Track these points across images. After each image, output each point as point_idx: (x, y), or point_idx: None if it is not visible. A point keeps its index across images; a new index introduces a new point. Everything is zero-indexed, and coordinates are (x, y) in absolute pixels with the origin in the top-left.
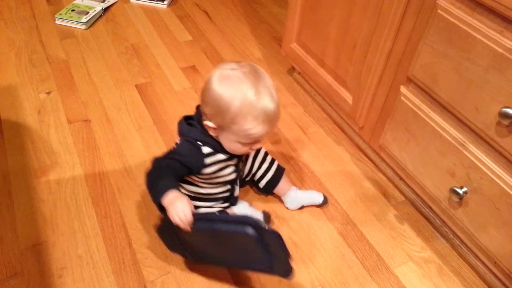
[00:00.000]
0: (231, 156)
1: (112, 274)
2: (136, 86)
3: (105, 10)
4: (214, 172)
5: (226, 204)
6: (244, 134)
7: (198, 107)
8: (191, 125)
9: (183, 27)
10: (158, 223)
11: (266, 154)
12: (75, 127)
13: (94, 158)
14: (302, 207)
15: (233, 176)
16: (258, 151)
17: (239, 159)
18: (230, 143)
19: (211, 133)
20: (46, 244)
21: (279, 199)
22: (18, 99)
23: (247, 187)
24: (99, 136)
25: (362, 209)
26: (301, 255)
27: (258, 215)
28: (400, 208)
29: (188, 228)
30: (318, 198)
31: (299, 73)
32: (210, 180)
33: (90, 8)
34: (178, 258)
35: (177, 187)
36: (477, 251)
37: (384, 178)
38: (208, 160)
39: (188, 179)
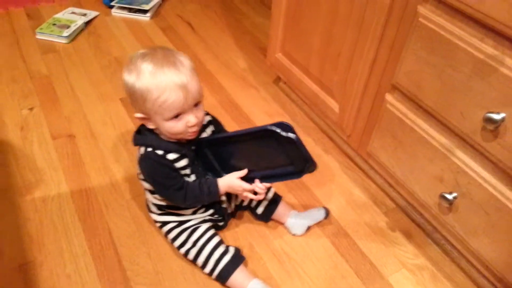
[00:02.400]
0: (180, 155)
1: None
2: (120, 99)
3: (87, 23)
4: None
5: (209, 212)
6: (158, 106)
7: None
8: (141, 132)
9: (166, 39)
10: None
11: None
12: (59, 143)
13: (79, 174)
14: (308, 229)
15: (191, 178)
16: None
17: (190, 159)
18: (164, 126)
19: (150, 126)
20: (33, 264)
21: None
22: (0, 116)
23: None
24: (84, 151)
25: (353, 217)
26: (294, 265)
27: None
28: (391, 215)
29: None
30: (320, 215)
31: (285, 83)
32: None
33: (72, 22)
34: (170, 274)
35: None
36: (469, 255)
37: (374, 185)
38: (169, 157)
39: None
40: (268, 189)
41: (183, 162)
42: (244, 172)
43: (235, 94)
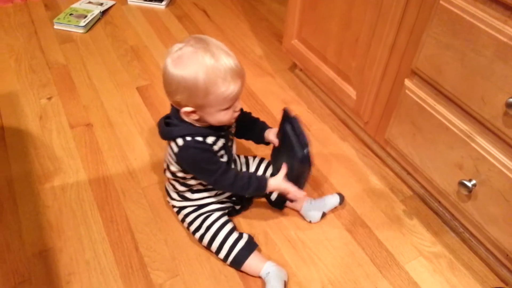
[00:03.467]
0: (218, 135)
1: (120, 279)
2: (137, 88)
3: (103, 13)
4: (218, 151)
5: (233, 199)
6: (222, 98)
7: (172, 106)
8: (170, 124)
9: (182, 27)
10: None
11: None
12: (77, 131)
13: (97, 162)
14: (324, 215)
15: (224, 159)
16: (267, 165)
17: (226, 139)
18: (215, 116)
19: (193, 117)
20: (53, 251)
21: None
22: (20, 106)
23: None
24: (102, 140)
25: (370, 205)
26: (309, 253)
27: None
28: (408, 203)
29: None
30: (335, 201)
31: (301, 70)
32: None
33: (88, 11)
34: (186, 260)
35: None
36: (488, 244)
37: (391, 173)
38: (215, 147)
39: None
40: None
41: (220, 143)
42: (285, 170)
43: (250, 81)
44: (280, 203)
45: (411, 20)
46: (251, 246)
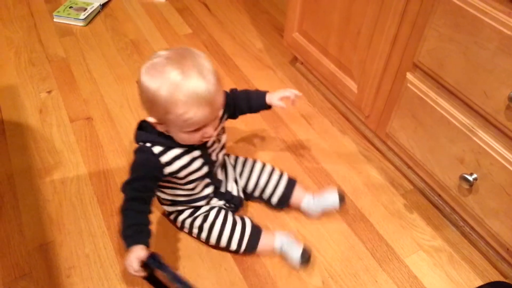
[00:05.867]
0: (188, 148)
1: (120, 272)
2: (137, 82)
3: (103, 5)
4: (181, 169)
5: (222, 202)
6: (182, 121)
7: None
8: (142, 127)
9: (182, 20)
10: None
11: (272, 169)
12: (77, 125)
13: (97, 156)
14: (324, 211)
15: (205, 169)
16: (262, 168)
17: (203, 150)
18: (178, 134)
19: (159, 129)
20: (53, 244)
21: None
22: (19, 99)
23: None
24: (102, 133)
25: (370, 199)
26: (310, 247)
27: (297, 249)
28: (408, 197)
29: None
30: (335, 202)
31: (302, 63)
32: (185, 179)
33: (88, 4)
34: (186, 254)
35: (143, 235)
36: (489, 238)
37: (391, 167)
38: (163, 159)
39: (167, 183)
40: (280, 178)
41: (186, 159)
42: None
43: (251, 75)
44: (281, 204)
45: (413, 12)
46: (257, 229)
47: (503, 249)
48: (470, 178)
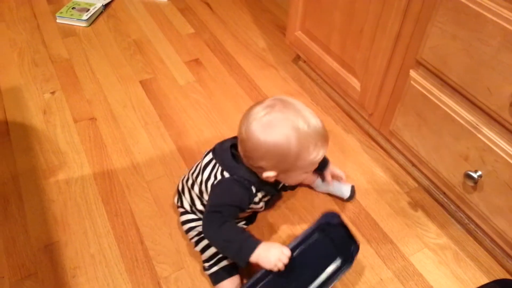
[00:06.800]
0: (266, 193)
1: (125, 272)
2: (140, 82)
3: (106, 6)
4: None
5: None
6: (309, 163)
7: (232, 146)
8: (235, 156)
9: (185, 20)
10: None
11: None
12: (81, 125)
13: (101, 156)
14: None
15: (262, 209)
16: None
17: (272, 195)
18: (297, 178)
19: (270, 180)
20: (58, 244)
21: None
22: (23, 100)
23: None
24: (106, 134)
25: (374, 197)
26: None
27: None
28: (413, 195)
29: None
30: (346, 191)
31: (305, 62)
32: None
33: (91, 5)
34: (191, 254)
35: (253, 237)
36: (494, 235)
37: (396, 165)
38: (256, 199)
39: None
40: None
41: (259, 195)
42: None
43: (253, 74)
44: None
45: (416, 9)
46: (233, 270)
47: (508, 247)
48: (475, 175)
